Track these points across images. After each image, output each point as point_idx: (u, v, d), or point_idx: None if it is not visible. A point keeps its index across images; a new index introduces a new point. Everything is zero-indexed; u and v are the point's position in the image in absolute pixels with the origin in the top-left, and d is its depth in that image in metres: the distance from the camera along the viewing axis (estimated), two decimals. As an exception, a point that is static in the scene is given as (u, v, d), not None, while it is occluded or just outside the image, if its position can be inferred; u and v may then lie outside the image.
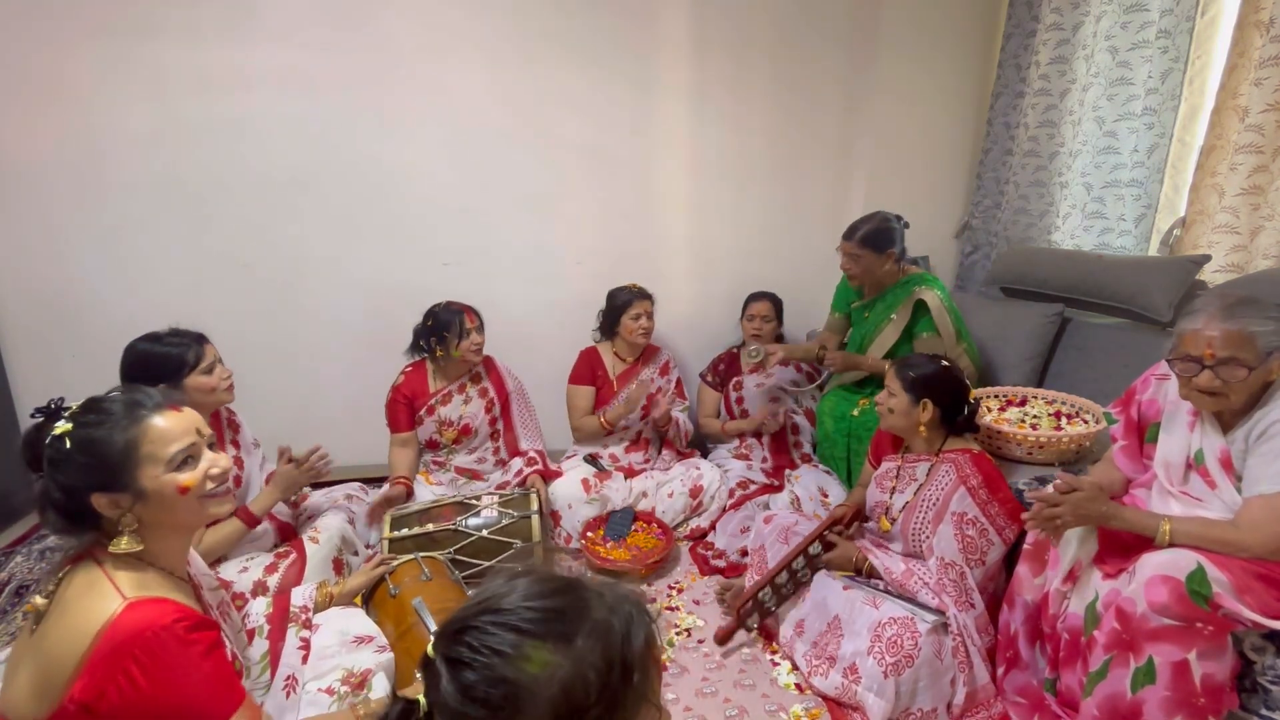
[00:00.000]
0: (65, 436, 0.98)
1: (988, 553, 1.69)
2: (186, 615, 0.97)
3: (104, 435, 1.00)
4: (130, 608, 0.93)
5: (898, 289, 2.38)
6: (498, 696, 0.58)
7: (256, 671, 1.28)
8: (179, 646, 0.94)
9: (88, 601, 0.94)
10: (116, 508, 1.00)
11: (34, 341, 2.48)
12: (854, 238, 2.33)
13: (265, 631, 1.35)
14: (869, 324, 2.45)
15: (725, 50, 2.79)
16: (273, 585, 1.71)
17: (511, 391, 2.48)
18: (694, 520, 2.48)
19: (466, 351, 2.28)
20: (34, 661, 0.94)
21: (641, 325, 2.58)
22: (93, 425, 1.00)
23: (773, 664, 1.80)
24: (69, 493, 0.98)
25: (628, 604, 0.66)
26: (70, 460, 0.98)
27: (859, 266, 2.34)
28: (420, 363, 2.38)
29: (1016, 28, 2.82)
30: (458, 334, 2.26)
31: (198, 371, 1.67)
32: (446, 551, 1.98)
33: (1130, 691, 1.31)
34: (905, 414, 1.78)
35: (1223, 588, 1.24)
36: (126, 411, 1.03)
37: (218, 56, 2.35)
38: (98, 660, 0.90)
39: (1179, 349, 1.37)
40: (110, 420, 1.01)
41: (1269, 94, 2.00)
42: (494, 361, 2.49)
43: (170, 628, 0.94)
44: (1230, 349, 1.29)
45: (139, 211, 2.43)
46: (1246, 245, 2.14)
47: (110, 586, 0.96)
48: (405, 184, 2.63)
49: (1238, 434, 1.37)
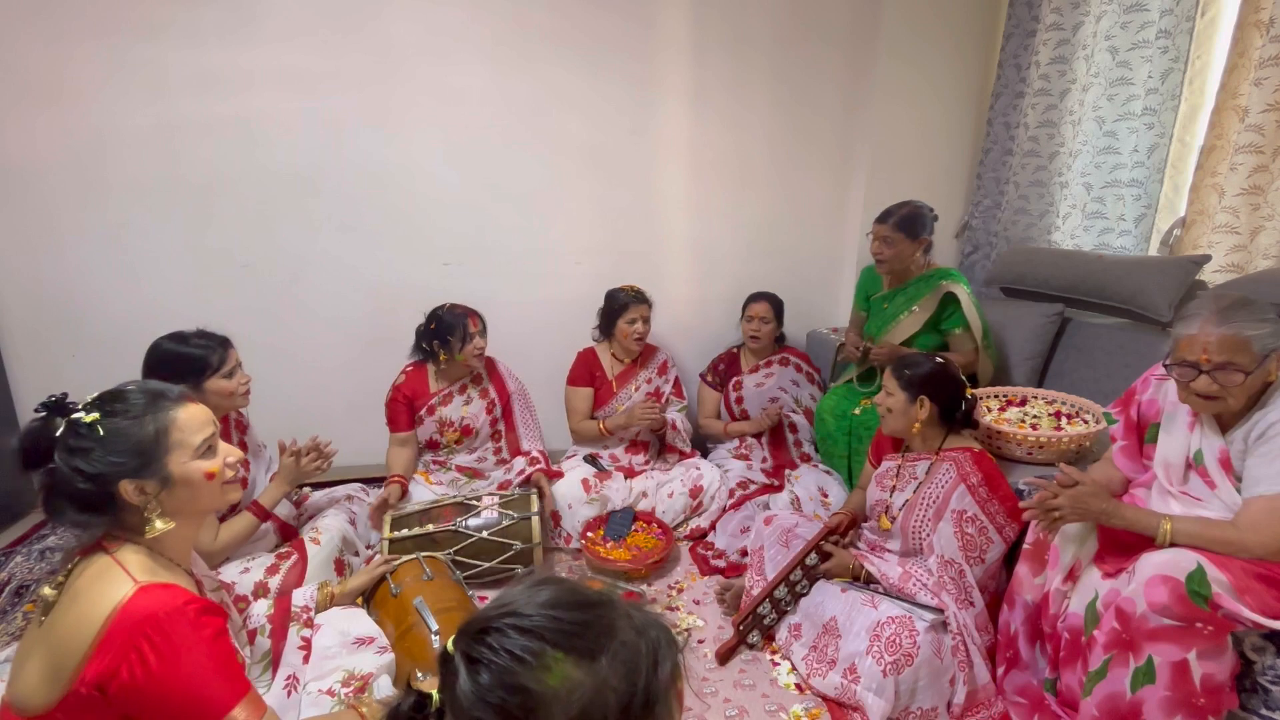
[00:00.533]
0: (96, 424, 1.00)
1: (987, 551, 1.69)
2: (195, 600, 0.99)
3: (136, 422, 1.02)
4: (142, 591, 0.95)
5: (920, 282, 2.38)
6: (514, 705, 0.57)
7: (258, 671, 1.28)
8: (190, 629, 0.95)
9: (100, 586, 0.96)
10: (143, 494, 1.02)
11: (34, 341, 2.48)
12: (889, 221, 2.33)
13: (267, 631, 1.35)
14: (887, 314, 2.45)
15: (725, 50, 2.79)
16: (274, 586, 1.71)
17: (513, 393, 2.48)
18: (694, 520, 2.48)
19: (470, 356, 2.29)
20: (44, 649, 0.95)
21: (636, 330, 2.58)
22: (122, 413, 1.02)
23: (773, 664, 1.81)
24: (96, 480, 0.99)
25: (655, 629, 0.64)
26: (100, 448, 0.99)
27: (891, 250, 2.34)
28: (421, 363, 2.38)
29: (1016, 28, 2.82)
30: (461, 338, 2.26)
31: (220, 375, 1.70)
32: (447, 552, 1.98)
33: (1130, 691, 1.31)
34: (903, 413, 1.79)
35: (1222, 588, 1.24)
36: (152, 401, 1.06)
37: (219, 57, 2.35)
38: (110, 641, 0.91)
39: (1175, 354, 1.37)
40: (139, 409, 1.04)
41: (1269, 94, 2.00)
42: (495, 363, 2.49)
43: (182, 609, 0.95)
44: (1226, 353, 1.29)
45: (140, 211, 2.43)
46: (1246, 245, 2.14)
47: (121, 571, 0.97)
48: (406, 184, 2.63)
49: (1236, 434, 1.37)
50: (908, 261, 2.37)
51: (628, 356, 2.69)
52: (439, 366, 2.35)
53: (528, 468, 2.34)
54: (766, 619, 1.85)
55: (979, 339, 2.30)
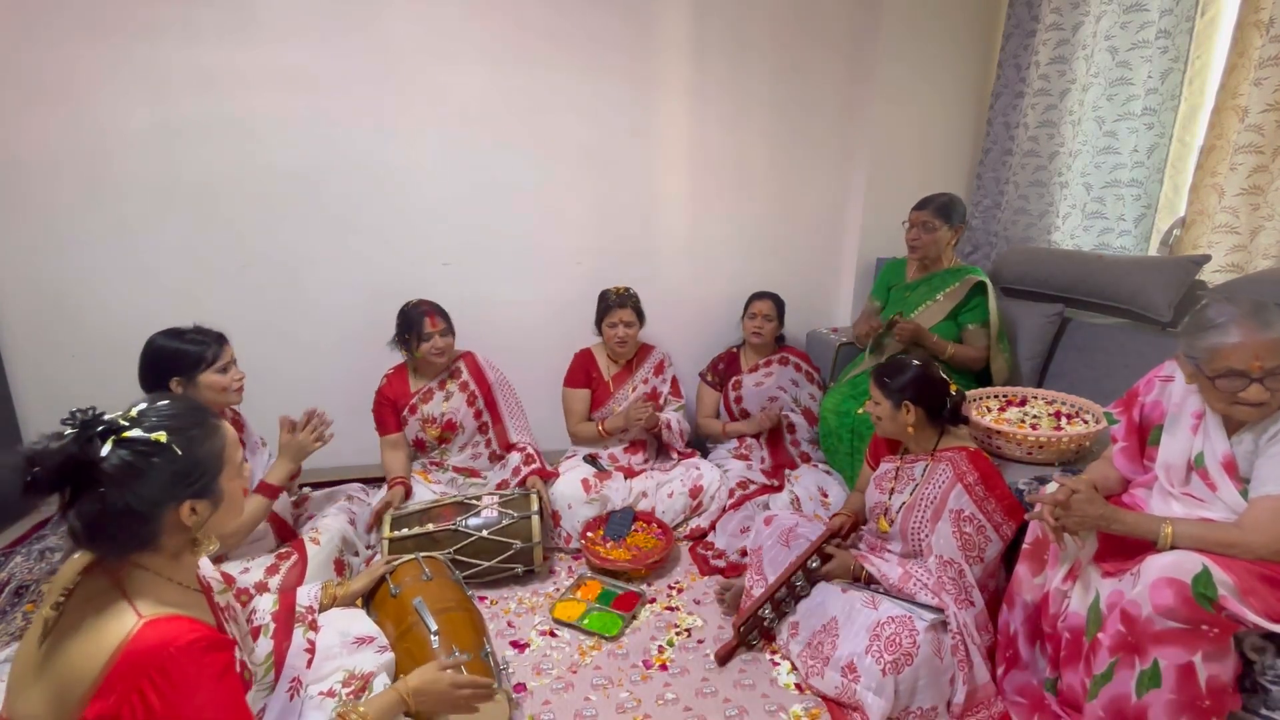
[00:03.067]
0: (172, 444, 0.93)
1: (986, 549, 1.69)
2: (204, 635, 0.95)
3: (205, 441, 0.98)
4: (148, 626, 0.91)
5: (947, 274, 2.41)
6: None
7: (260, 673, 1.28)
8: (194, 667, 0.92)
9: (104, 621, 0.92)
10: (195, 515, 0.98)
11: (34, 341, 2.48)
12: (928, 207, 2.37)
13: (270, 630, 1.35)
14: (909, 303, 2.46)
15: (725, 50, 2.79)
16: (274, 587, 1.71)
17: (493, 383, 2.47)
18: (694, 520, 2.48)
19: (428, 354, 2.28)
20: (47, 679, 0.92)
21: (618, 334, 2.56)
22: (185, 430, 0.96)
23: (773, 664, 1.80)
24: (158, 504, 0.94)
25: None
26: (171, 469, 0.94)
27: (930, 236, 2.37)
28: (403, 364, 2.40)
29: (1016, 28, 2.82)
30: (418, 336, 2.27)
31: (213, 369, 1.70)
32: (446, 551, 1.98)
33: (1135, 695, 1.31)
34: (891, 419, 1.80)
35: (1228, 590, 1.24)
36: (204, 417, 1.02)
37: (219, 57, 2.35)
38: (113, 680, 0.88)
39: (1216, 364, 1.30)
40: (198, 424, 0.99)
41: (1269, 94, 2.00)
42: (474, 355, 2.48)
43: (187, 649, 0.92)
44: (1277, 357, 1.27)
45: (140, 211, 2.43)
46: (1246, 245, 2.14)
47: (126, 604, 0.93)
48: (405, 184, 2.63)
49: (1246, 435, 1.36)
50: (942, 248, 2.40)
51: (619, 358, 2.70)
52: (416, 364, 2.37)
53: (524, 467, 2.34)
54: (767, 620, 1.85)
55: (995, 337, 2.31)
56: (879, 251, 3.08)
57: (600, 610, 2.00)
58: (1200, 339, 1.33)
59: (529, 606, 2.05)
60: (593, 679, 1.75)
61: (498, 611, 2.02)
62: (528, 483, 2.29)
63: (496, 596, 2.10)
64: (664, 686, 1.73)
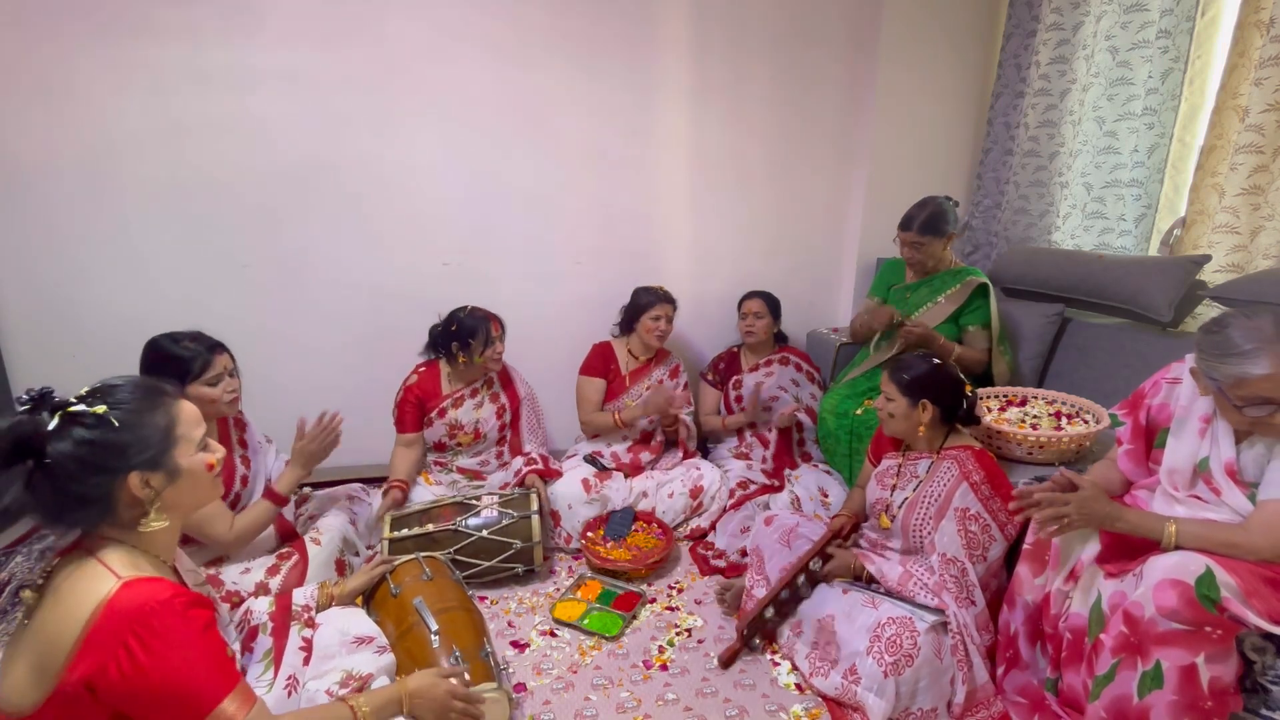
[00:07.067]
0: (108, 416, 0.96)
1: (989, 548, 1.69)
2: (182, 592, 0.98)
3: (146, 414, 1.01)
4: (127, 585, 0.93)
5: (948, 275, 2.40)
6: None
7: (260, 670, 1.28)
8: (178, 621, 0.94)
9: (82, 584, 0.94)
10: (148, 488, 1.00)
11: (34, 341, 2.47)
12: (913, 227, 2.34)
13: (269, 629, 1.35)
14: (910, 304, 2.45)
15: (725, 50, 2.79)
16: (274, 587, 1.71)
17: (524, 398, 2.49)
18: (694, 520, 2.48)
19: (489, 360, 2.29)
20: (29, 649, 0.93)
21: (660, 327, 2.61)
22: (129, 404, 1.00)
23: (773, 664, 1.80)
24: (103, 474, 0.96)
25: None
26: (112, 439, 0.96)
27: (922, 253, 2.36)
28: (434, 363, 2.37)
29: (1016, 28, 2.82)
30: (484, 342, 2.26)
31: (201, 382, 1.67)
32: (447, 551, 1.98)
33: (1137, 696, 1.31)
34: (905, 417, 1.78)
35: (1231, 592, 1.23)
36: (154, 394, 1.04)
37: (220, 57, 2.35)
38: (97, 637, 0.90)
39: (1243, 392, 1.27)
40: (143, 401, 1.02)
41: (1269, 94, 2.00)
42: (510, 368, 2.49)
43: (168, 603, 0.94)
44: None
45: (141, 211, 2.42)
46: (1246, 245, 2.14)
47: (103, 569, 0.95)
48: (406, 183, 2.63)
49: (1257, 439, 1.35)
50: (939, 257, 2.39)
51: (645, 354, 2.71)
52: (455, 368, 2.34)
53: (524, 468, 2.34)
54: (769, 622, 1.85)
55: (996, 339, 2.31)
56: (879, 251, 3.09)
57: (600, 610, 2.00)
58: (1225, 365, 1.28)
59: (529, 606, 2.05)
60: (593, 679, 1.75)
61: (498, 611, 2.02)
62: (526, 481, 2.29)
63: (497, 596, 2.10)
64: (664, 686, 1.73)
